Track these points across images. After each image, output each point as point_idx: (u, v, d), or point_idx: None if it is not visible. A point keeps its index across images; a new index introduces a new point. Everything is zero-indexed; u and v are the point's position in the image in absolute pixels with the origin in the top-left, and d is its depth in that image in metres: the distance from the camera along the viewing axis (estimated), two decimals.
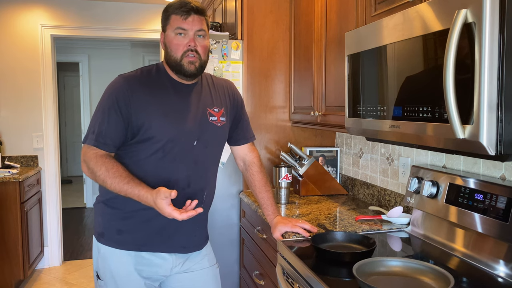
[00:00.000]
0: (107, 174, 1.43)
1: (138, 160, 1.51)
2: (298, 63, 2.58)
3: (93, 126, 1.49)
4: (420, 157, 1.95)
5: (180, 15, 1.48)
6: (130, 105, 1.47)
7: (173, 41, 1.50)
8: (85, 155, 1.48)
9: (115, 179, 1.42)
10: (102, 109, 1.49)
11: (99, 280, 1.59)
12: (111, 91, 1.50)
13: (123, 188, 1.42)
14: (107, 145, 1.48)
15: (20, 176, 3.38)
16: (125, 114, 1.47)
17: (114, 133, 1.48)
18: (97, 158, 1.45)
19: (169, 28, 1.51)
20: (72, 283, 3.70)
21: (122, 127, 1.48)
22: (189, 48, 1.49)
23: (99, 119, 1.48)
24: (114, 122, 1.47)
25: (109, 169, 1.43)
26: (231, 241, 2.70)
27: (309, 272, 1.38)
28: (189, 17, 1.48)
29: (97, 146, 1.47)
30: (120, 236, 1.54)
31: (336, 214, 2.10)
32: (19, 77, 3.92)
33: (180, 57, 1.50)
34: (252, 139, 1.83)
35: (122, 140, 1.50)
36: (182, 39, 1.50)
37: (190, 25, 1.49)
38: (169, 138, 1.50)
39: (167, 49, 1.53)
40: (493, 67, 1.04)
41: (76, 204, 6.61)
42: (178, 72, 1.53)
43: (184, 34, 1.49)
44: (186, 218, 1.36)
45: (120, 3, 4.14)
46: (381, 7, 1.64)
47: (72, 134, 8.34)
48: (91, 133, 1.49)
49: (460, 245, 1.53)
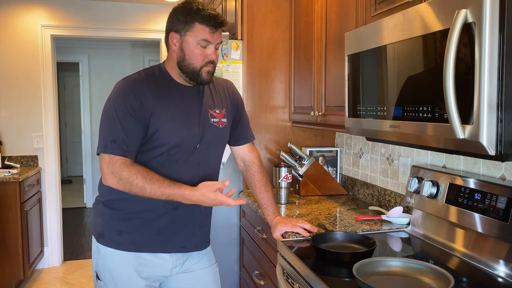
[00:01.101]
0: (145, 181, 1.41)
1: (141, 163, 1.49)
2: (298, 63, 2.58)
3: (111, 135, 1.43)
4: (420, 157, 1.95)
5: (209, 28, 1.47)
6: (143, 107, 1.45)
7: (194, 51, 1.48)
8: (112, 166, 1.42)
9: (155, 184, 1.41)
10: (116, 116, 1.44)
11: (98, 281, 1.59)
12: (121, 96, 1.46)
13: (165, 192, 1.41)
14: (132, 152, 1.45)
15: (20, 176, 3.38)
16: (141, 117, 1.45)
17: (136, 139, 1.46)
18: (129, 167, 1.42)
19: (191, 35, 1.47)
20: (72, 283, 3.70)
21: (142, 133, 1.46)
22: (210, 60, 1.50)
23: (117, 127, 1.43)
24: (134, 128, 1.44)
25: (145, 175, 1.41)
26: (231, 241, 2.70)
27: (309, 272, 1.38)
28: (216, 32, 1.49)
29: (124, 155, 1.43)
30: (120, 237, 1.54)
31: (336, 214, 2.10)
32: (19, 77, 3.92)
33: (200, 68, 1.50)
34: (252, 139, 1.83)
35: (140, 145, 1.49)
36: (204, 51, 1.49)
37: (215, 39, 1.50)
38: (175, 142, 1.50)
39: (185, 56, 1.50)
40: (493, 67, 1.04)
41: (76, 204, 6.61)
42: (194, 80, 1.53)
43: (207, 46, 1.49)
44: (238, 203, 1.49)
45: (120, 3, 4.14)
46: (381, 7, 1.64)
47: (72, 134, 8.35)
48: (111, 142, 1.43)
49: (460, 245, 1.53)
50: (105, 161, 1.43)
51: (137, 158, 1.50)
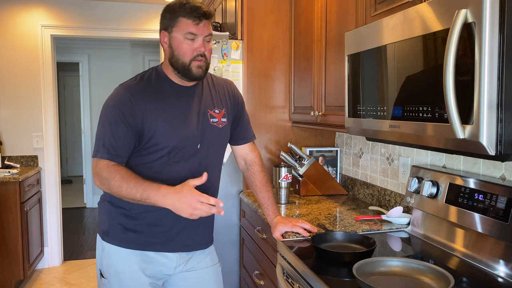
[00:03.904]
0: (122, 180, 1.41)
1: (143, 164, 1.52)
2: (298, 63, 2.58)
3: (102, 139, 1.47)
4: (420, 157, 1.95)
5: (192, 20, 1.47)
6: (135, 114, 1.47)
7: (182, 45, 1.49)
8: (96, 167, 1.47)
9: (130, 183, 1.41)
10: (108, 122, 1.47)
11: (102, 279, 1.59)
12: (115, 102, 1.49)
13: (139, 189, 1.40)
14: (120, 156, 1.48)
15: (20, 176, 3.38)
16: (132, 123, 1.47)
17: (125, 144, 1.47)
18: (109, 168, 1.45)
19: (177, 31, 1.49)
20: (72, 283, 3.70)
21: (132, 138, 1.48)
22: (199, 53, 1.49)
23: (107, 132, 1.47)
24: (123, 134, 1.46)
25: (124, 175, 1.42)
26: (231, 241, 2.70)
27: (309, 272, 1.38)
28: (200, 23, 1.48)
29: (111, 159, 1.46)
30: (125, 235, 1.55)
31: (336, 214, 2.10)
32: (19, 77, 3.92)
33: (189, 62, 1.49)
34: (252, 138, 1.83)
35: (132, 149, 1.50)
36: (191, 44, 1.49)
37: (201, 31, 1.48)
38: (174, 145, 1.50)
39: (174, 52, 1.51)
40: (493, 67, 1.04)
41: (76, 204, 6.61)
42: (185, 75, 1.52)
43: (194, 39, 1.49)
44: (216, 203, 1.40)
45: (120, 3, 4.14)
46: (381, 7, 1.64)
47: (72, 134, 8.35)
48: (101, 146, 1.47)
49: (460, 245, 1.53)
50: (94, 164, 1.50)
51: (142, 160, 1.52)
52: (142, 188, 1.39)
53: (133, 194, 1.40)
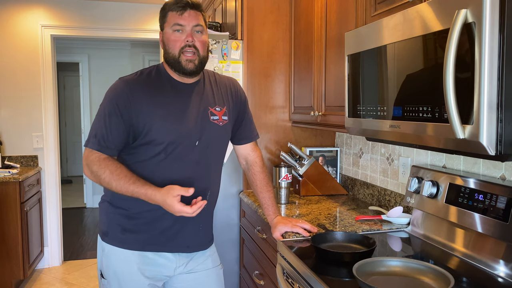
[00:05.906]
0: (112, 176, 1.43)
1: (141, 161, 1.52)
2: (298, 63, 2.58)
3: (95, 130, 1.49)
4: (420, 157, 1.95)
5: (176, 11, 1.48)
6: (131, 108, 1.47)
7: (170, 38, 1.50)
8: (87, 158, 1.48)
9: (120, 181, 1.43)
10: (103, 113, 1.49)
11: (102, 279, 1.60)
12: (112, 95, 1.50)
13: (129, 189, 1.42)
14: (109, 148, 1.48)
15: (20, 176, 3.38)
16: (126, 117, 1.47)
17: (116, 137, 1.48)
18: (100, 161, 1.46)
19: (167, 26, 1.51)
20: (72, 283, 3.70)
21: (124, 131, 1.48)
22: (187, 44, 1.48)
23: (101, 123, 1.48)
24: (115, 126, 1.47)
25: (113, 171, 1.44)
26: (231, 241, 2.70)
27: (309, 272, 1.38)
28: (185, 12, 1.48)
29: (100, 150, 1.47)
30: (124, 236, 1.55)
31: (336, 214, 2.10)
32: (19, 77, 3.92)
33: (178, 54, 1.49)
34: (255, 138, 1.82)
35: (124, 143, 1.50)
36: (179, 35, 1.49)
37: (186, 21, 1.48)
38: (170, 140, 1.50)
39: (165, 47, 1.53)
40: (493, 67, 1.04)
41: (76, 204, 6.61)
42: (178, 70, 1.52)
43: (182, 30, 1.49)
44: (197, 211, 1.39)
45: (120, 3, 4.14)
46: (381, 7, 1.64)
47: (72, 134, 8.34)
48: (93, 137, 1.48)
49: (460, 245, 1.53)
50: (85, 154, 1.51)
51: (139, 156, 1.51)
52: (131, 190, 1.43)
53: (123, 192, 1.44)
